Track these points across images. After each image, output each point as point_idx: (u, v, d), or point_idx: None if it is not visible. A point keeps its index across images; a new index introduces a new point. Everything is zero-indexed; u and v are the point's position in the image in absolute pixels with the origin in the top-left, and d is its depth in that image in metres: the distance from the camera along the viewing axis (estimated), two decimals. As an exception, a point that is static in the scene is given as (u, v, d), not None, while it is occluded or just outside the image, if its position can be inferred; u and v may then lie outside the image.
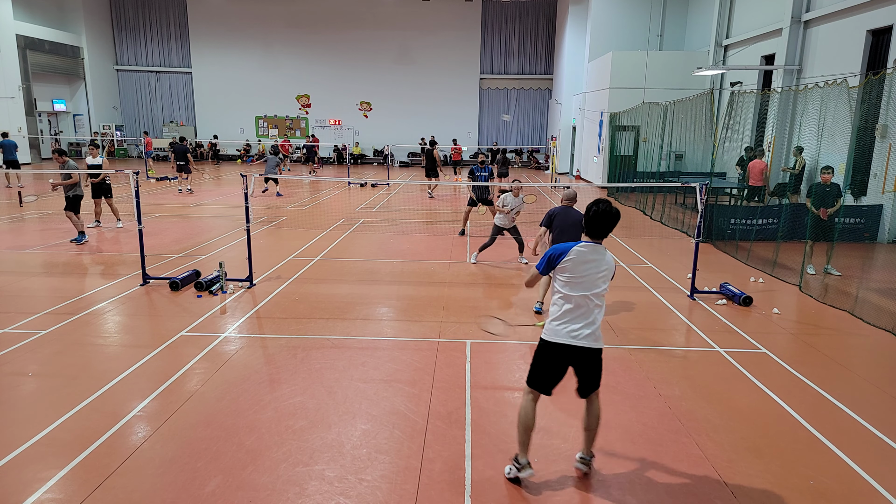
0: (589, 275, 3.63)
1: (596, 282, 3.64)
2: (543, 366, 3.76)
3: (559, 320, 3.69)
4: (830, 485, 3.84)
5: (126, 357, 5.65)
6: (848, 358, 6.02)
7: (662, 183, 14.75)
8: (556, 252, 3.69)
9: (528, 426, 3.78)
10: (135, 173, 8.22)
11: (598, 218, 3.65)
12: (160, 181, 21.44)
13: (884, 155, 11.28)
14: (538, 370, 3.78)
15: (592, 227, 3.70)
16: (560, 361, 3.72)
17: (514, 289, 8.36)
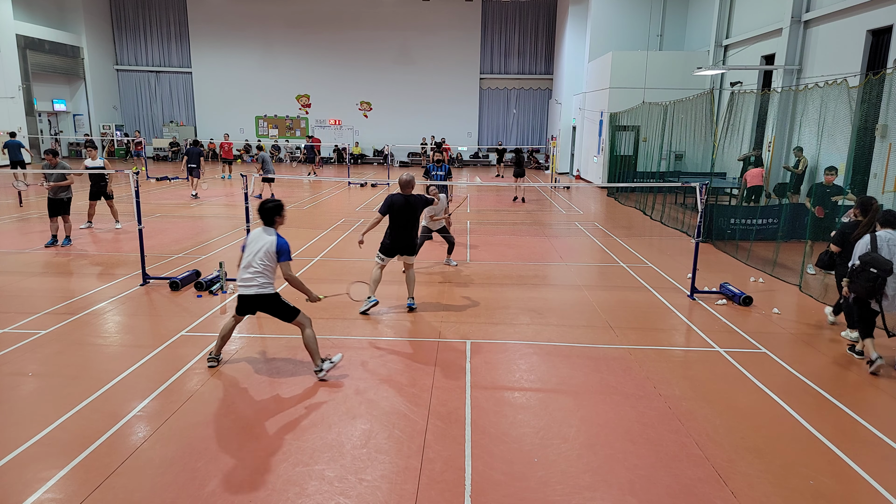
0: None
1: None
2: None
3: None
4: (830, 485, 3.84)
5: (126, 357, 5.65)
6: (848, 358, 6.02)
7: (662, 183, 14.75)
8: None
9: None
10: (135, 173, 8.22)
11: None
12: (160, 181, 21.44)
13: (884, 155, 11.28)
14: None
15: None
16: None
17: (515, 288, 8.36)
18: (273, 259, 5.20)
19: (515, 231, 12.92)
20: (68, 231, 10.59)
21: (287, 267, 5.26)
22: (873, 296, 5.55)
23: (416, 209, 6.99)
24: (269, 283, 5.23)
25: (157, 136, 33.70)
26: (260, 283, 5.20)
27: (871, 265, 5.47)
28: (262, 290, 5.21)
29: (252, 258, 5.21)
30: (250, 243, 5.29)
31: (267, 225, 5.33)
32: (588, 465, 4.03)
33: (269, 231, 5.28)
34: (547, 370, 5.59)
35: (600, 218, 15.21)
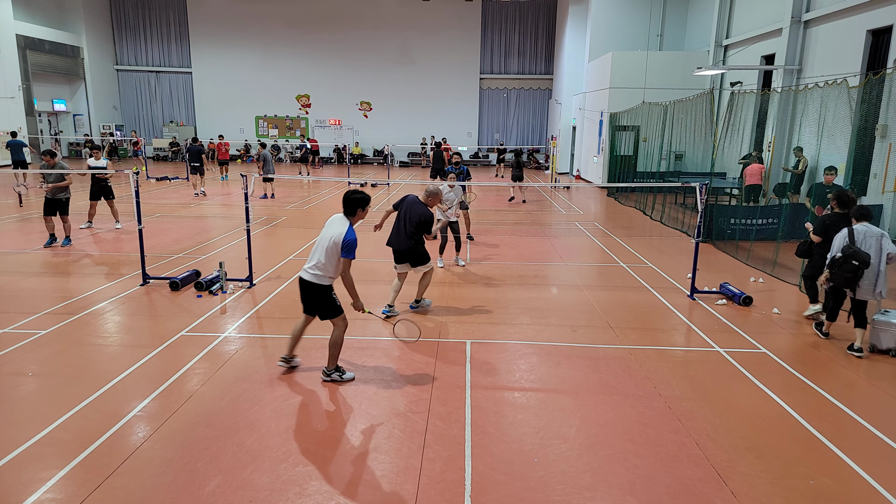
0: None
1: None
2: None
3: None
4: (830, 485, 3.84)
5: (126, 357, 5.65)
6: (848, 358, 6.02)
7: (662, 183, 14.74)
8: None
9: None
10: (135, 173, 8.22)
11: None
12: (160, 181, 21.44)
13: (884, 155, 11.28)
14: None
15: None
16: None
17: (515, 288, 8.36)
18: (337, 251, 4.97)
19: (515, 231, 12.92)
20: (68, 231, 10.58)
21: (347, 264, 5.00)
22: (851, 285, 5.98)
23: (411, 216, 6.81)
24: (326, 274, 5.04)
25: (157, 136, 33.69)
26: (317, 272, 5.04)
27: (853, 258, 5.83)
28: (316, 279, 5.04)
29: (319, 244, 5.10)
30: (325, 227, 5.18)
31: (347, 215, 5.17)
32: (588, 465, 4.03)
33: (344, 222, 5.11)
34: (547, 370, 5.59)
35: (600, 218, 15.21)
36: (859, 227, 6.06)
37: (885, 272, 5.96)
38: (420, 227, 6.74)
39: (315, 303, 5.13)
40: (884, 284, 5.98)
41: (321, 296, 5.08)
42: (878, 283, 5.98)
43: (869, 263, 5.82)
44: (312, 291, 5.08)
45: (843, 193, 6.69)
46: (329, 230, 5.07)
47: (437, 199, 6.93)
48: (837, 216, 6.61)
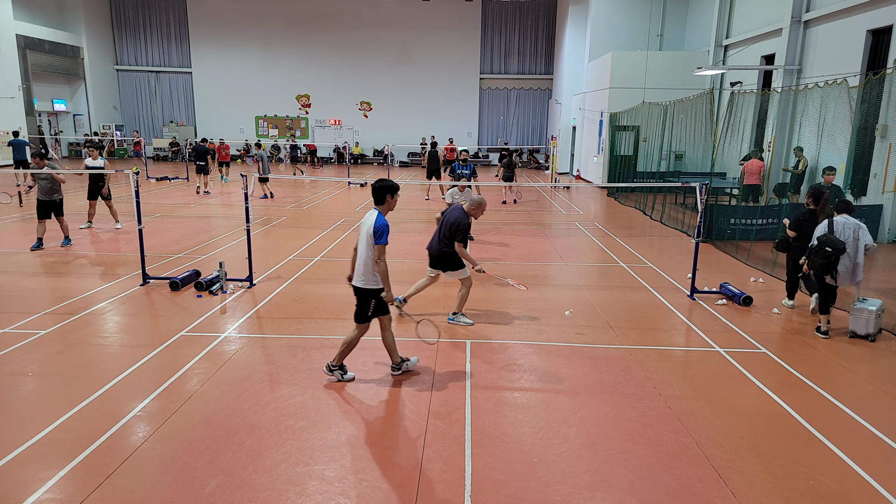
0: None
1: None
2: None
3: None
4: (830, 485, 3.84)
5: (126, 357, 5.65)
6: (848, 358, 6.02)
7: (662, 183, 14.74)
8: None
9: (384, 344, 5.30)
10: (135, 173, 8.22)
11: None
12: (160, 181, 21.44)
13: (884, 155, 11.28)
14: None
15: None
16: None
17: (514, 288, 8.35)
18: (372, 242, 4.86)
19: (515, 231, 12.92)
20: (66, 231, 10.56)
21: (380, 251, 4.83)
22: (828, 271, 6.35)
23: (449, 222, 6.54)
24: (369, 274, 4.93)
25: (157, 136, 33.69)
26: (362, 275, 4.96)
27: (827, 245, 6.27)
28: (363, 283, 4.96)
29: (359, 246, 5.03)
30: (361, 226, 5.07)
31: (377, 204, 5.06)
32: (588, 465, 4.03)
33: (374, 212, 4.98)
34: (547, 370, 5.59)
35: (600, 218, 15.21)
36: (839, 218, 6.48)
37: (863, 262, 6.38)
38: (453, 234, 6.48)
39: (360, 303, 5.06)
40: (861, 273, 6.41)
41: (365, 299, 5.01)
42: (856, 271, 6.39)
43: (843, 250, 6.21)
44: (359, 295, 5.02)
45: (817, 190, 7.15)
46: (363, 227, 4.99)
47: (480, 210, 6.65)
48: (811, 212, 7.08)
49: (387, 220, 4.92)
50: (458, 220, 6.47)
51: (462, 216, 6.50)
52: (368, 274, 4.92)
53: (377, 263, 4.85)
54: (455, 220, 6.47)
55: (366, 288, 4.95)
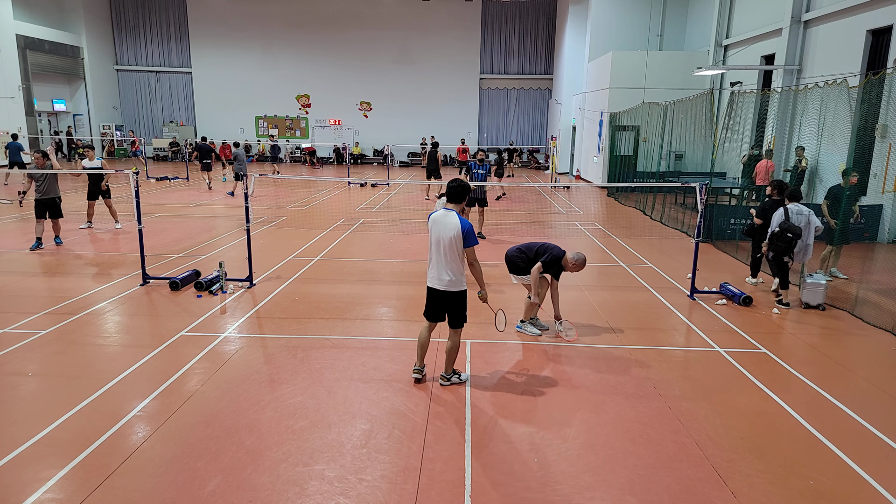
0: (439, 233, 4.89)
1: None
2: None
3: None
4: (830, 485, 3.84)
5: (126, 357, 5.65)
6: (848, 358, 6.02)
7: (662, 183, 14.74)
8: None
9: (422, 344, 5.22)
10: (135, 173, 8.22)
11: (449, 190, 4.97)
12: (160, 181, 21.45)
13: (884, 155, 11.28)
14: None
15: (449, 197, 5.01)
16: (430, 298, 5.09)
17: (515, 288, 8.35)
18: (461, 244, 4.79)
19: (515, 231, 12.92)
20: (57, 231, 10.54)
21: (473, 253, 4.85)
22: (788, 253, 7.41)
23: (543, 246, 6.40)
24: (460, 276, 4.91)
25: (157, 136, 33.69)
26: (451, 277, 4.89)
27: (788, 231, 7.29)
28: (452, 286, 4.91)
29: (437, 249, 4.88)
30: (434, 229, 4.90)
31: (452, 201, 4.97)
32: (588, 465, 4.03)
33: (451, 213, 4.87)
34: (547, 370, 5.59)
35: (600, 218, 15.21)
36: (792, 206, 7.45)
37: (812, 242, 7.50)
38: (541, 258, 6.27)
39: (451, 309, 5.00)
40: (811, 253, 7.54)
41: (459, 302, 4.98)
42: (807, 251, 7.47)
43: (801, 235, 7.25)
44: (449, 299, 4.95)
45: (780, 182, 8.07)
46: (441, 230, 4.84)
47: (577, 267, 6.35)
48: (775, 201, 7.86)
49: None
50: (556, 253, 6.28)
51: (560, 253, 6.29)
52: (457, 277, 4.88)
53: (473, 266, 4.94)
54: (553, 251, 6.28)
55: (456, 291, 4.92)
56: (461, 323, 5.06)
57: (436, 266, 4.93)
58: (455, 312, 5.02)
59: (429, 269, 5.01)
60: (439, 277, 4.91)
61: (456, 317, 5.03)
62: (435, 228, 4.90)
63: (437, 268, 4.93)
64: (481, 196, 11.48)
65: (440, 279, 4.91)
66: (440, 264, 4.90)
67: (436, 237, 4.89)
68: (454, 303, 4.97)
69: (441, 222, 4.86)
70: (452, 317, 5.03)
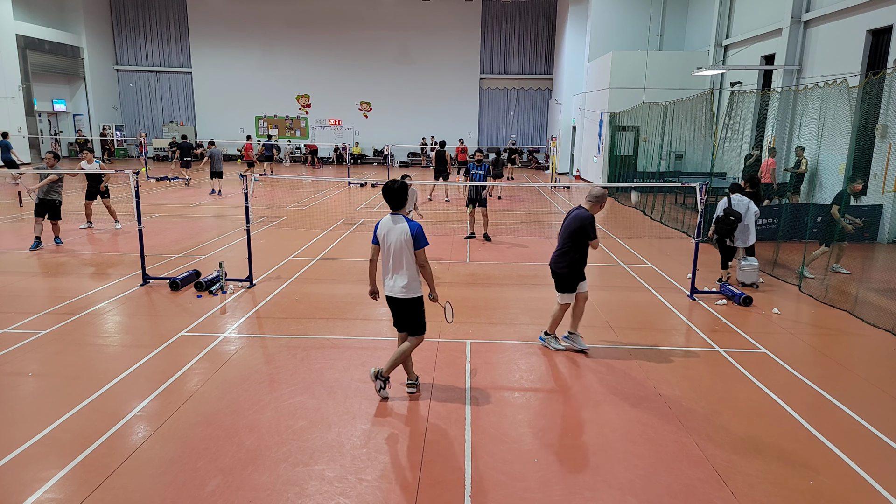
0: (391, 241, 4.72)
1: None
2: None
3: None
4: (830, 485, 3.84)
5: (126, 357, 5.65)
6: (848, 358, 6.02)
7: (662, 183, 14.74)
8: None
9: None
10: (135, 173, 8.22)
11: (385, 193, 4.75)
12: (160, 181, 21.45)
13: (884, 155, 11.28)
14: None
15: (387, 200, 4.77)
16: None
17: (515, 288, 8.36)
18: (412, 247, 4.64)
19: (515, 231, 12.92)
20: (57, 232, 10.55)
21: (423, 255, 4.68)
22: (729, 234, 8.33)
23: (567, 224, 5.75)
24: (415, 282, 4.73)
25: (157, 136, 33.69)
26: (402, 284, 4.73)
27: (731, 215, 8.28)
28: (405, 293, 4.73)
29: (389, 255, 4.71)
30: (384, 235, 4.73)
31: (396, 209, 4.76)
32: (588, 465, 4.03)
33: (398, 217, 4.73)
34: (547, 370, 5.59)
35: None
36: (734, 196, 8.46)
37: (751, 226, 8.34)
38: (575, 236, 5.64)
39: (408, 317, 4.83)
40: (748, 236, 8.38)
41: (416, 309, 4.79)
42: (748, 235, 8.37)
43: (741, 218, 8.26)
44: (406, 307, 4.78)
45: (753, 176, 8.92)
46: (392, 235, 4.68)
47: (599, 206, 5.76)
48: (749, 194, 8.67)
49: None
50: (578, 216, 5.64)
51: (582, 211, 5.68)
52: (412, 281, 4.71)
53: (424, 269, 4.71)
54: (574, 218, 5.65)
55: (412, 297, 4.74)
56: (420, 331, 4.86)
57: (391, 273, 4.76)
58: (413, 320, 4.83)
59: (385, 279, 4.81)
60: (394, 285, 4.74)
61: (415, 325, 4.84)
62: (385, 235, 4.73)
63: (391, 275, 4.76)
64: (480, 196, 11.48)
65: (395, 287, 4.74)
66: (392, 271, 4.74)
67: (387, 244, 4.72)
68: (411, 310, 4.80)
69: (391, 228, 4.71)
70: (411, 325, 4.85)
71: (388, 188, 4.71)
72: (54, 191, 10.36)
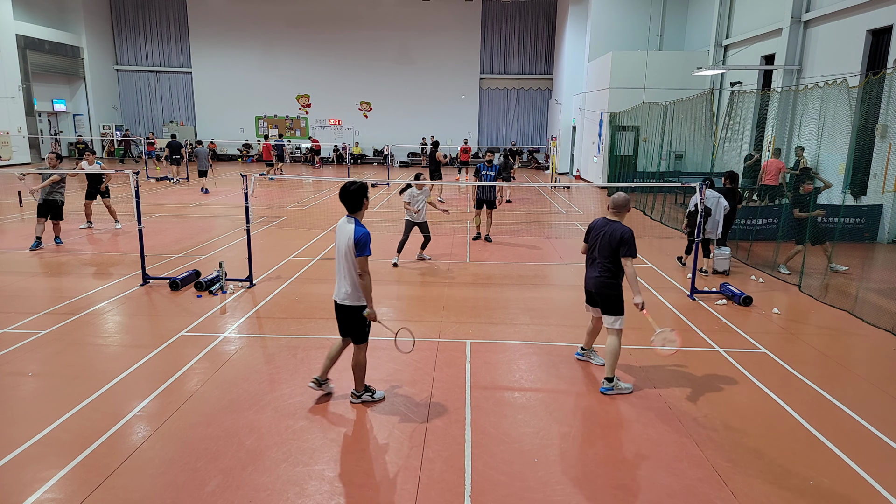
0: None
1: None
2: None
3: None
4: (830, 485, 3.84)
5: (126, 357, 5.65)
6: (848, 358, 6.02)
7: (662, 183, 14.75)
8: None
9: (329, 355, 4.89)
10: (135, 173, 8.22)
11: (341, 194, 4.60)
12: (160, 181, 21.46)
13: (884, 155, 11.28)
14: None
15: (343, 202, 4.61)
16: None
17: (515, 288, 8.36)
18: (353, 254, 4.46)
19: (515, 231, 12.92)
20: (58, 232, 10.55)
21: (362, 263, 4.43)
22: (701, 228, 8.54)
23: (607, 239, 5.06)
24: (356, 289, 4.54)
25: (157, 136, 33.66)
26: (345, 290, 4.58)
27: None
28: (347, 300, 4.58)
29: (337, 259, 4.60)
30: (337, 237, 4.63)
31: (352, 212, 4.58)
32: (588, 465, 4.03)
33: (350, 220, 4.54)
34: (547, 370, 5.59)
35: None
36: (709, 192, 8.70)
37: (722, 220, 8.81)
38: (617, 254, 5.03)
39: (347, 325, 4.68)
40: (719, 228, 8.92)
41: (356, 317, 4.62)
42: (718, 227, 8.87)
43: (711, 212, 8.78)
44: (348, 314, 4.64)
45: (732, 172, 9.40)
46: (340, 238, 4.57)
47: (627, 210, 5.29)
48: (728, 189, 9.18)
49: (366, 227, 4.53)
50: (623, 230, 5.02)
51: (621, 227, 5.07)
52: (356, 290, 4.54)
53: (361, 278, 4.46)
54: (619, 232, 5.02)
55: (354, 305, 4.58)
56: (362, 340, 4.69)
57: (337, 277, 4.63)
58: (355, 328, 4.65)
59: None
60: (338, 289, 4.62)
61: (357, 333, 4.67)
62: (336, 237, 4.63)
63: (337, 279, 4.63)
64: (490, 198, 11.39)
65: (338, 291, 4.62)
66: (339, 275, 4.60)
67: (337, 246, 4.62)
68: (352, 318, 4.63)
69: (340, 230, 4.57)
70: (353, 333, 4.68)
71: (343, 189, 4.56)
72: (57, 191, 10.38)
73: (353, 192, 4.53)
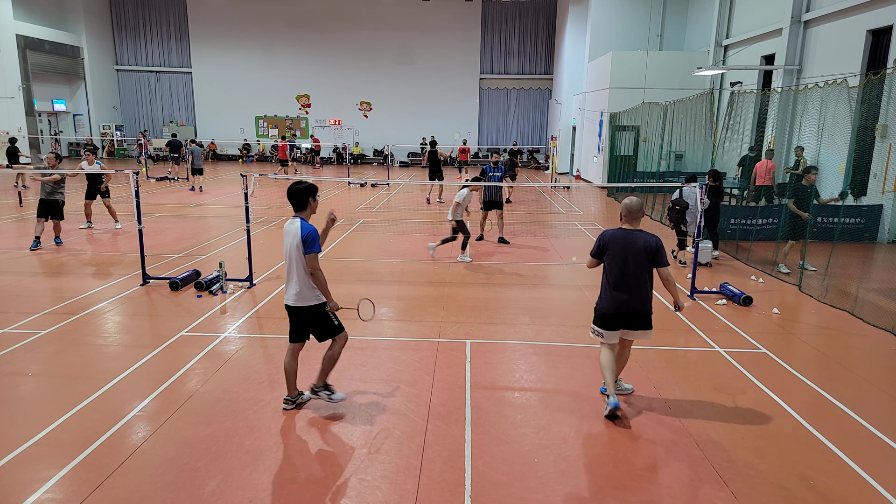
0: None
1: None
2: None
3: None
4: (830, 485, 3.84)
5: (126, 357, 5.65)
6: (848, 358, 6.02)
7: (662, 183, 14.74)
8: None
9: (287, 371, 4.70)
10: (135, 173, 8.22)
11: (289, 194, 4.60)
12: (160, 181, 21.46)
13: (884, 155, 11.28)
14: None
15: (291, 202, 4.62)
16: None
17: (515, 288, 8.36)
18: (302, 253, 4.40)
19: (515, 231, 12.92)
20: (58, 231, 10.55)
21: (313, 260, 4.37)
22: (681, 221, 9.49)
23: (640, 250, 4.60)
24: (308, 289, 4.46)
25: (157, 136, 33.69)
26: (297, 290, 4.48)
27: (678, 204, 9.52)
28: (299, 301, 4.49)
29: (287, 260, 4.51)
30: (284, 239, 4.55)
31: (298, 210, 4.59)
32: (588, 465, 4.03)
33: (295, 220, 4.52)
34: (547, 370, 5.59)
35: (600, 218, 15.20)
36: (686, 188, 9.30)
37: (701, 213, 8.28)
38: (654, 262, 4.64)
39: (310, 326, 4.60)
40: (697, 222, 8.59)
41: (315, 316, 4.53)
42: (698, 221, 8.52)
43: (688, 207, 9.32)
44: (303, 315, 4.55)
45: (716, 171, 9.98)
46: (287, 238, 4.49)
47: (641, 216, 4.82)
48: (713, 187, 9.65)
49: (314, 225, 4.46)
50: (653, 239, 4.66)
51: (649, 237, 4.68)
52: (308, 289, 4.45)
53: (314, 276, 4.39)
54: (651, 241, 4.63)
55: (308, 305, 4.49)
56: (333, 333, 4.61)
57: (286, 279, 4.53)
58: (319, 326, 4.57)
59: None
60: (288, 291, 4.51)
61: (322, 330, 4.59)
62: (284, 238, 4.53)
63: (286, 281, 4.53)
64: (498, 199, 11.25)
65: (289, 293, 4.50)
66: (289, 276, 4.50)
67: (285, 247, 4.51)
68: (311, 317, 4.53)
69: (287, 230, 4.50)
70: (318, 332, 4.61)
71: (291, 188, 4.55)
72: (58, 191, 10.38)
73: (299, 192, 4.58)
